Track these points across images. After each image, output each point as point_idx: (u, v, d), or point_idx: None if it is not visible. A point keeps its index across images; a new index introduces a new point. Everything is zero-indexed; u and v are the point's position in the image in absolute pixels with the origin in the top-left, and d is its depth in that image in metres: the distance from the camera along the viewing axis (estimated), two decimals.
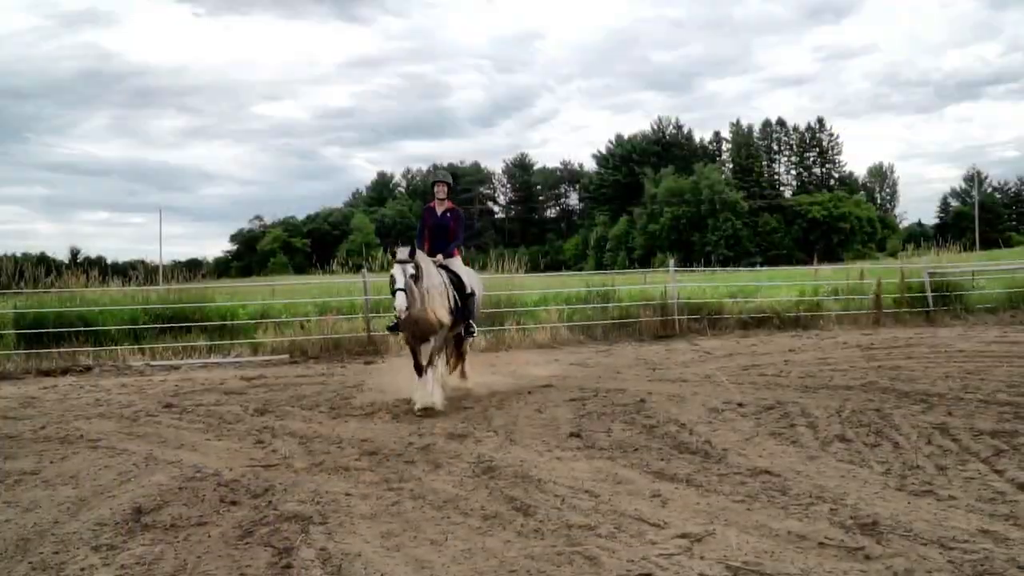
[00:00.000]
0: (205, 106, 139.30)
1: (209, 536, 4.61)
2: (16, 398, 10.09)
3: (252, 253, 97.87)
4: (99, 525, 4.86)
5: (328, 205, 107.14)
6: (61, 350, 13.39)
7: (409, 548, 4.30)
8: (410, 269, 7.91)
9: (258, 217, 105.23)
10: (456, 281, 8.93)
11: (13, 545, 4.58)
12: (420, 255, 8.26)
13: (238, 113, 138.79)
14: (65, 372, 12.48)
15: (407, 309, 7.82)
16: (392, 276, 7.96)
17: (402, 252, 8.01)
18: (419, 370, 8.59)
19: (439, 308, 8.36)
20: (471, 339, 9.79)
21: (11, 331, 13.60)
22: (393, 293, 7.90)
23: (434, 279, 8.42)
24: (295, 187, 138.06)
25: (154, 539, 4.59)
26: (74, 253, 74.11)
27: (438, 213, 9.34)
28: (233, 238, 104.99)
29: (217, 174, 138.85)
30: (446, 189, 9.39)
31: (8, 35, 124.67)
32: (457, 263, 9.37)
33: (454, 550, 4.26)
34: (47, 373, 12.42)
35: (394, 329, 9.22)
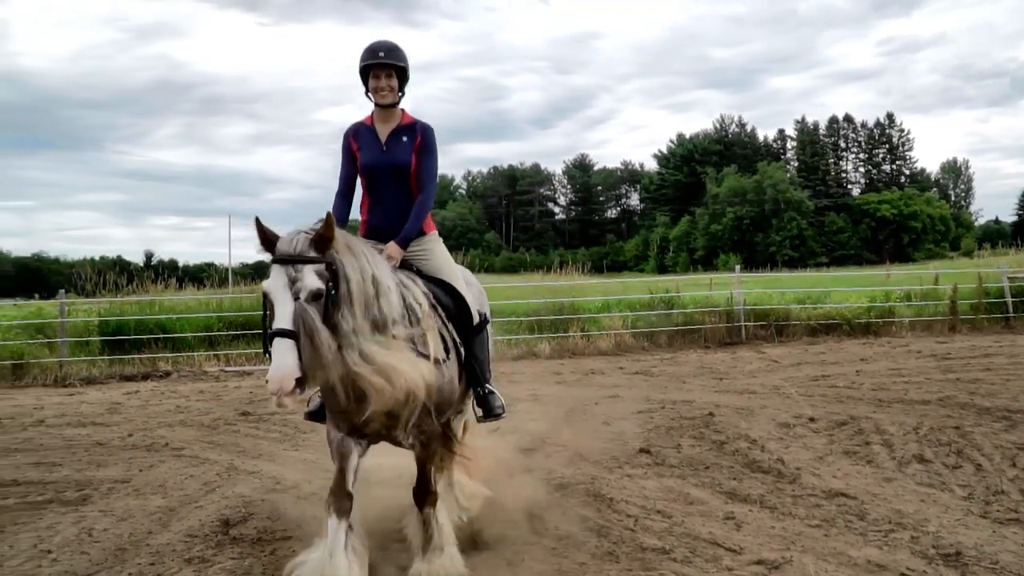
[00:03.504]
0: (269, 113, 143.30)
1: (294, 551, 4.76)
2: (102, 404, 10.54)
3: None
4: (190, 537, 5.07)
5: None
6: (142, 356, 13.93)
7: (486, 569, 4.39)
8: (312, 279, 3.41)
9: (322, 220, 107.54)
10: (452, 300, 4.44)
11: (112, 555, 4.82)
12: (345, 241, 3.66)
13: (301, 119, 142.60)
14: (146, 377, 12.97)
15: (298, 387, 3.30)
16: (265, 296, 3.49)
17: (287, 239, 3.52)
18: (339, 505, 3.85)
19: (401, 365, 3.65)
20: (491, 421, 4.72)
21: (96, 338, 14.20)
22: (267, 343, 3.38)
23: (390, 298, 3.78)
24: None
25: (242, 552, 4.78)
26: (148, 256, 76.82)
27: (382, 138, 4.55)
28: None
29: (281, 178, 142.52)
30: (396, 81, 4.48)
31: (87, 48, 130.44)
32: (438, 253, 4.63)
33: (530, 572, 4.33)
34: (129, 378, 12.94)
35: (316, 416, 4.36)
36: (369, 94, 4.56)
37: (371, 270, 3.71)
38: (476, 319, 4.54)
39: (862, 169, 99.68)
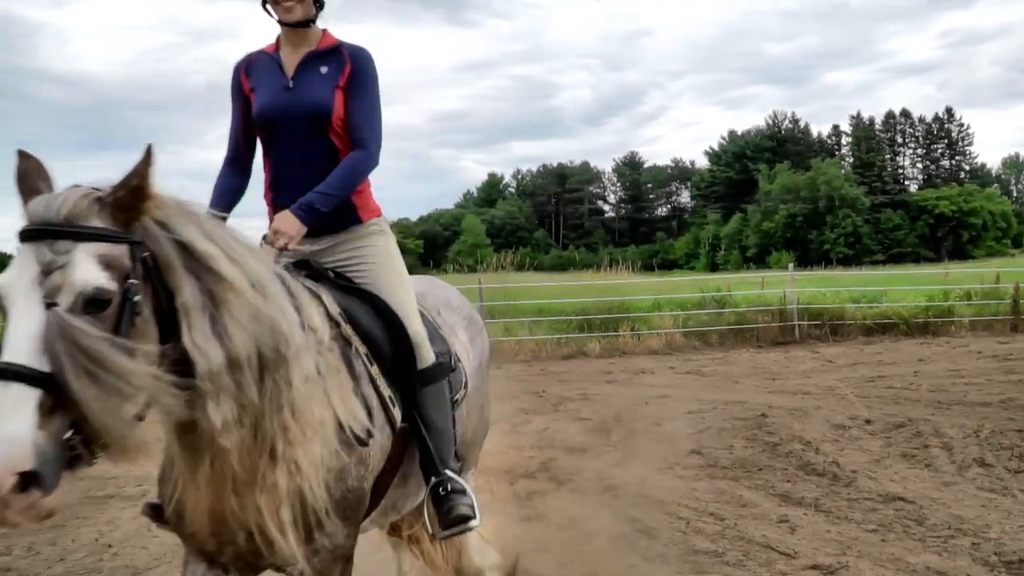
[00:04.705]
0: None
1: None
2: None
3: None
4: None
5: (439, 206, 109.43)
6: None
7: (536, 569, 4.39)
8: (87, 269, 1.69)
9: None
10: (385, 325, 2.69)
11: (170, 550, 4.91)
12: (177, 205, 1.97)
13: None
14: None
15: (37, 485, 1.55)
16: None
17: (48, 197, 1.75)
18: None
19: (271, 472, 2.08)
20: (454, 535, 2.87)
21: None
22: None
23: (279, 303, 2.11)
24: (407, 189, 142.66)
25: None
26: None
27: (288, 70, 2.79)
28: None
29: None
30: None
31: (146, 52, 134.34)
32: (379, 252, 3.11)
33: (581, 572, 4.33)
34: None
35: (158, 513, 2.43)
36: (268, 7, 2.80)
37: (260, 276, 2.07)
38: (428, 359, 2.74)
39: (920, 165, 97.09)
